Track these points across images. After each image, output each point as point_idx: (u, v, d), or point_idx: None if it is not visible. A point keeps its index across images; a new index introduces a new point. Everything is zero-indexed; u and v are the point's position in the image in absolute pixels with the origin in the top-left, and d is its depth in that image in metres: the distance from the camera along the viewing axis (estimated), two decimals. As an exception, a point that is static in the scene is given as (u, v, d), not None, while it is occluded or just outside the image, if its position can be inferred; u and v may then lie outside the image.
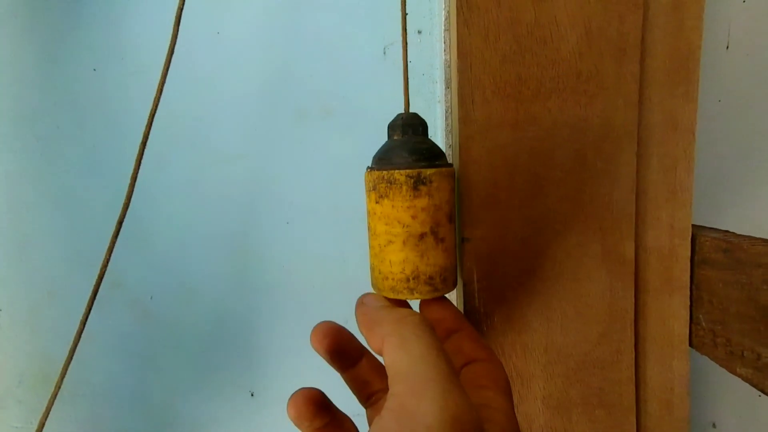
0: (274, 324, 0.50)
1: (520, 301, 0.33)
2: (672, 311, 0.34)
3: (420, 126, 0.29)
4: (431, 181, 0.27)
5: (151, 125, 0.38)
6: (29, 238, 0.49)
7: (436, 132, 0.46)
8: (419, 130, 0.29)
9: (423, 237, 0.27)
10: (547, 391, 0.34)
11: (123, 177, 0.39)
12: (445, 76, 0.44)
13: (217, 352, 0.50)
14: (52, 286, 0.50)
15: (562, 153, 0.32)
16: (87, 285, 0.39)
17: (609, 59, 0.31)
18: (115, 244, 0.39)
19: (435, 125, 0.46)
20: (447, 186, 0.28)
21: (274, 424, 0.51)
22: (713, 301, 0.31)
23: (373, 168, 0.29)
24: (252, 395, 0.51)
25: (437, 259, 0.28)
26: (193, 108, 0.47)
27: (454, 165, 0.33)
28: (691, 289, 0.33)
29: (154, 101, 0.38)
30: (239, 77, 0.46)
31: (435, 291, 0.28)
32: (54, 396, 0.40)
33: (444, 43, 0.44)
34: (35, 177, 0.48)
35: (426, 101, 0.46)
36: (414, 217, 0.27)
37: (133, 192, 0.39)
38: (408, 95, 0.31)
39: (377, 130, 0.44)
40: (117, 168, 0.47)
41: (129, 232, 0.40)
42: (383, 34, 0.45)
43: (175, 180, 0.48)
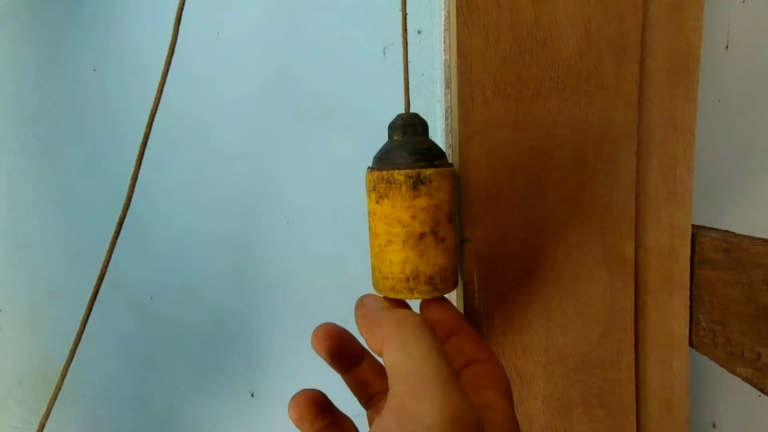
0: (274, 324, 0.50)
1: (520, 302, 0.33)
2: (672, 311, 0.34)
3: (420, 126, 0.29)
4: (431, 181, 0.27)
5: (152, 125, 0.38)
6: (29, 238, 0.49)
7: (436, 132, 0.46)
8: (419, 130, 0.29)
9: (423, 237, 0.27)
10: (548, 392, 0.34)
11: (123, 177, 0.39)
12: (445, 76, 0.44)
13: (217, 352, 0.50)
14: (52, 286, 0.50)
15: (562, 153, 0.32)
16: (87, 285, 0.39)
17: (609, 59, 0.31)
18: (116, 244, 0.39)
19: (435, 125, 0.46)
20: (447, 186, 0.28)
21: (274, 424, 0.51)
22: (713, 301, 0.31)
23: (374, 168, 0.29)
24: (252, 395, 0.51)
25: (437, 259, 0.28)
26: (193, 108, 0.47)
27: (454, 165, 0.33)
28: (691, 289, 0.33)
29: (154, 101, 0.38)
30: (239, 77, 0.46)
31: (435, 291, 0.28)
32: (54, 396, 0.40)
33: (444, 43, 0.44)
34: (35, 177, 0.48)
35: (426, 101, 0.46)
36: (413, 217, 0.27)
37: (134, 192, 0.39)
38: (408, 95, 0.31)
39: (377, 130, 0.45)
40: (117, 168, 0.47)
41: (129, 232, 0.40)
42: (383, 34, 0.45)
43: (176, 180, 0.48)
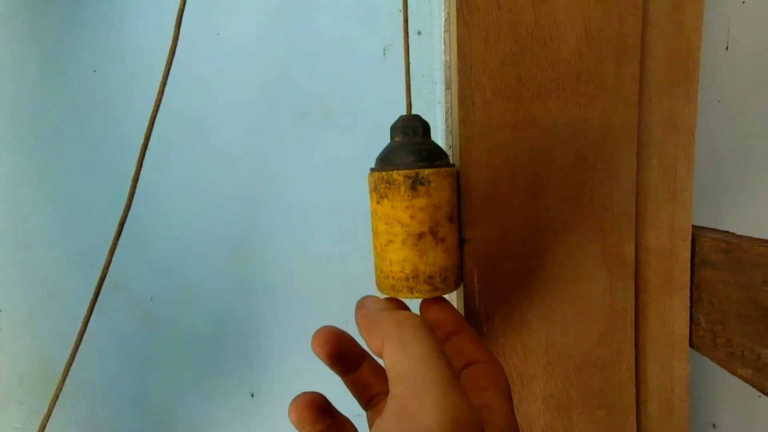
0: (274, 324, 0.50)
1: (520, 302, 0.33)
2: (672, 312, 0.34)
3: (421, 127, 0.29)
4: (429, 182, 0.27)
5: (152, 126, 0.38)
6: (30, 238, 0.49)
7: (436, 133, 0.46)
8: (420, 131, 0.29)
9: (422, 237, 0.28)
10: (548, 392, 0.34)
11: (124, 178, 0.39)
12: (445, 77, 0.44)
13: (218, 352, 0.50)
14: (52, 287, 0.50)
15: (562, 154, 0.32)
16: (88, 286, 0.39)
17: (609, 60, 0.31)
18: (116, 245, 0.39)
19: (435, 126, 0.46)
20: (446, 186, 0.28)
21: (274, 424, 0.51)
22: (713, 302, 0.31)
23: (375, 169, 0.29)
24: (252, 396, 0.51)
25: (437, 259, 0.28)
26: (194, 109, 0.47)
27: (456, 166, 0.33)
28: (692, 290, 0.33)
29: (155, 102, 0.38)
30: (240, 78, 0.46)
31: (435, 290, 0.28)
32: (55, 397, 0.40)
33: (444, 45, 0.44)
34: (36, 178, 0.48)
35: (426, 102, 0.46)
36: (412, 217, 0.27)
37: (135, 193, 0.39)
38: (410, 96, 0.31)
39: (377, 130, 0.45)
40: (117, 169, 0.47)
41: (130, 233, 0.40)
42: (383, 35, 0.45)
43: (176, 181, 0.48)
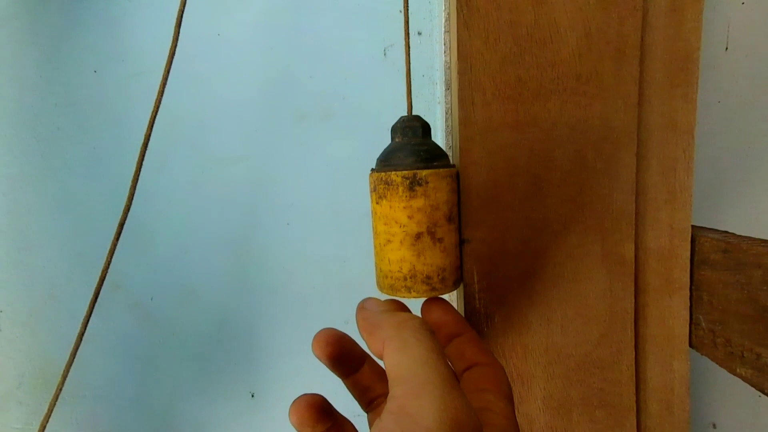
0: (274, 325, 0.50)
1: (520, 302, 0.33)
2: (672, 312, 0.34)
3: (421, 128, 0.29)
4: (427, 182, 0.27)
5: (152, 127, 0.38)
6: (30, 239, 0.49)
7: (436, 133, 0.46)
8: (419, 132, 0.29)
9: (419, 237, 0.28)
10: (548, 392, 0.34)
11: (124, 179, 0.39)
12: (445, 77, 0.44)
13: (218, 353, 0.50)
14: (53, 288, 0.50)
15: (562, 154, 0.32)
16: (88, 287, 0.39)
17: (608, 61, 0.31)
18: (116, 246, 0.39)
19: (435, 127, 0.46)
20: (445, 187, 0.28)
21: (274, 425, 0.51)
22: (713, 302, 0.31)
23: (374, 170, 0.29)
24: (252, 396, 0.51)
25: (434, 259, 0.28)
26: (194, 110, 0.47)
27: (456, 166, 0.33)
28: (691, 290, 0.33)
29: (155, 103, 0.38)
30: (240, 79, 0.46)
31: (432, 290, 0.28)
32: (55, 398, 0.40)
33: (444, 45, 0.44)
34: (36, 179, 0.48)
35: (426, 103, 0.46)
36: (410, 218, 0.28)
37: (134, 194, 0.39)
38: (410, 97, 0.31)
39: (378, 131, 0.45)
40: (118, 170, 0.47)
41: (130, 234, 0.40)
42: (383, 35, 0.45)
43: (176, 182, 0.48)
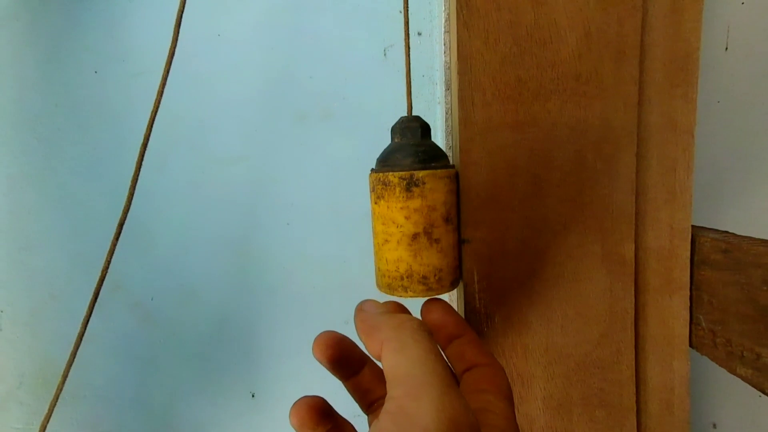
0: (274, 325, 0.50)
1: (520, 302, 0.33)
2: (672, 312, 0.34)
3: (420, 128, 0.30)
4: (424, 183, 0.28)
5: (152, 127, 0.38)
6: (30, 240, 0.49)
7: (436, 133, 0.46)
8: (418, 132, 0.30)
9: (416, 237, 0.28)
10: (548, 392, 0.34)
11: (125, 179, 0.39)
12: (445, 77, 0.44)
13: (218, 353, 0.50)
14: (53, 288, 0.50)
15: (561, 154, 0.32)
16: (88, 287, 0.39)
17: (608, 61, 0.31)
18: (116, 246, 0.39)
19: (435, 127, 0.46)
20: (442, 187, 0.28)
21: (274, 425, 0.51)
22: (713, 302, 0.31)
23: (374, 170, 0.29)
24: (253, 396, 0.51)
25: (431, 259, 0.28)
26: (194, 110, 0.47)
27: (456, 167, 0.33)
28: (691, 290, 0.33)
29: (154, 103, 0.38)
30: (240, 79, 0.47)
31: (429, 290, 0.28)
32: (55, 398, 0.40)
33: (444, 45, 0.44)
34: (36, 179, 0.49)
35: (426, 103, 0.46)
36: (407, 218, 0.28)
37: (134, 194, 0.39)
38: (410, 97, 0.31)
39: (378, 131, 0.45)
40: (118, 170, 0.47)
41: (130, 234, 0.41)
42: (383, 35, 0.45)
43: (176, 182, 0.48)
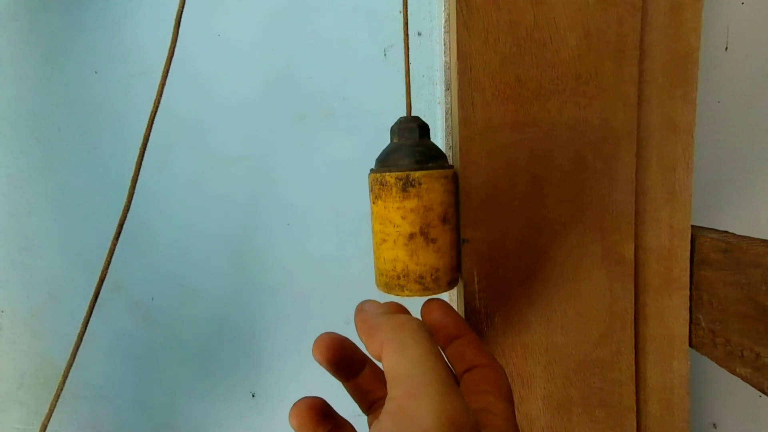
0: (274, 325, 0.50)
1: (520, 302, 0.33)
2: (672, 311, 0.34)
3: (418, 129, 0.30)
4: (420, 183, 0.28)
5: (152, 127, 0.38)
6: (31, 240, 0.49)
7: (436, 134, 0.46)
8: (416, 133, 0.30)
9: (412, 237, 0.28)
10: (548, 392, 0.34)
11: (125, 179, 0.39)
12: (445, 78, 0.44)
13: (218, 353, 0.50)
14: (53, 288, 0.50)
15: (561, 154, 0.32)
16: (88, 287, 0.39)
17: (608, 61, 0.31)
18: (116, 246, 0.39)
19: (435, 127, 0.46)
20: (438, 188, 0.28)
21: (275, 425, 0.51)
22: (713, 302, 0.31)
23: (372, 170, 0.30)
24: (253, 396, 0.51)
25: (427, 259, 0.28)
26: (194, 110, 0.47)
27: (455, 167, 0.33)
28: (691, 290, 0.33)
29: (154, 103, 0.38)
30: (240, 79, 0.47)
31: (425, 290, 0.29)
32: (56, 398, 0.40)
33: (444, 45, 0.44)
34: (36, 179, 0.49)
35: (426, 103, 0.46)
36: (404, 218, 0.28)
37: (134, 194, 0.39)
38: (410, 98, 0.31)
39: (378, 131, 0.45)
40: (118, 170, 0.48)
41: (130, 234, 0.41)
42: (383, 36, 0.45)
43: (176, 182, 0.48)
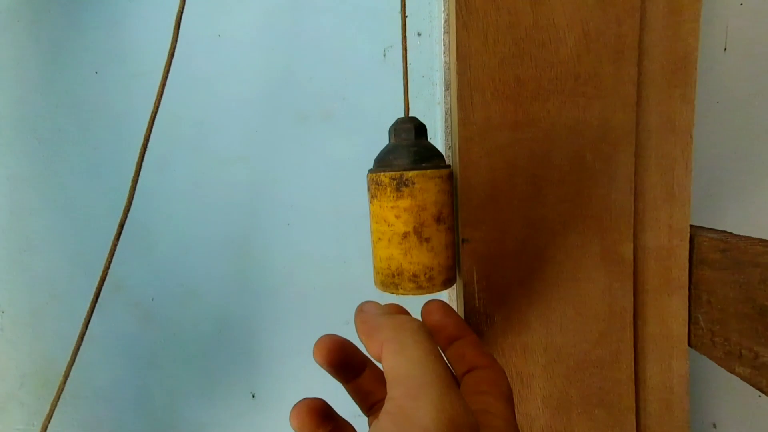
0: (275, 325, 0.50)
1: (520, 302, 0.33)
2: (671, 311, 0.34)
3: (413, 129, 0.30)
4: (413, 183, 0.28)
5: (152, 128, 0.38)
6: (31, 240, 0.49)
7: (435, 134, 0.46)
8: (412, 133, 0.30)
9: (406, 236, 0.28)
10: (547, 391, 0.34)
11: (125, 180, 0.39)
12: (445, 78, 0.45)
13: (219, 353, 0.50)
14: (54, 288, 0.50)
15: (560, 154, 0.32)
16: (89, 288, 0.39)
17: (607, 61, 0.31)
18: (117, 246, 0.39)
19: (435, 127, 0.46)
20: (432, 188, 0.28)
21: (275, 425, 0.51)
22: (712, 301, 0.31)
23: (370, 170, 0.30)
24: (253, 397, 0.51)
25: (421, 258, 0.29)
26: (194, 111, 0.47)
27: (452, 167, 0.33)
28: (690, 289, 0.33)
29: (154, 104, 0.38)
30: (240, 80, 0.47)
31: (419, 289, 0.29)
32: (56, 398, 0.40)
33: (443, 46, 0.44)
34: (37, 180, 0.49)
35: (426, 103, 0.46)
36: (397, 217, 0.28)
37: (135, 195, 0.39)
38: (408, 98, 0.31)
39: (377, 132, 0.45)
40: (118, 170, 0.48)
41: (130, 234, 0.41)
42: (383, 36, 0.46)
43: (177, 183, 0.48)
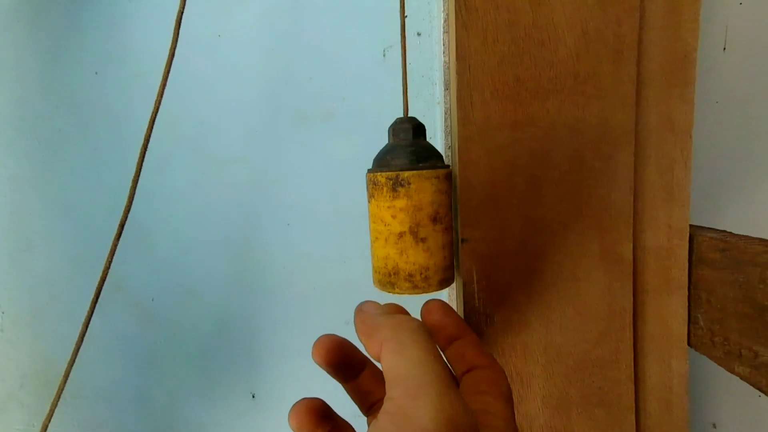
0: (275, 326, 0.50)
1: (519, 301, 0.33)
2: (670, 311, 0.34)
3: (412, 129, 0.30)
4: (409, 183, 0.28)
5: (152, 128, 0.38)
6: (31, 241, 0.49)
7: (435, 133, 0.46)
8: (410, 133, 0.30)
9: (402, 236, 0.29)
10: (547, 391, 0.34)
11: (126, 180, 0.39)
12: (445, 77, 0.45)
13: (219, 354, 0.50)
14: (54, 289, 0.50)
15: (560, 154, 0.32)
16: (89, 288, 0.40)
17: (606, 61, 0.31)
18: (117, 246, 0.39)
19: (434, 127, 0.46)
20: (428, 188, 0.29)
21: (275, 425, 0.51)
22: (711, 301, 0.31)
23: (368, 170, 0.30)
24: (253, 397, 0.51)
25: (417, 258, 0.29)
26: (194, 111, 0.47)
27: (452, 166, 0.33)
28: (690, 289, 0.33)
29: (154, 104, 0.38)
30: (240, 80, 0.47)
31: (415, 288, 0.29)
32: (56, 399, 0.40)
33: (443, 46, 0.44)
34: (37, 180, 0.49)
35: (426, 103, 0.46)
36: (393, 217, 0.28)
37: (135, 195, 0.39)
38: (407, 98, 0.31)
39: (377, 132, 0.45)
40: (119, 171, 0.48)
41: (131, 235, 0.41)
42: (383, 36, 0.46)
43: (177, 183, 0.48)
